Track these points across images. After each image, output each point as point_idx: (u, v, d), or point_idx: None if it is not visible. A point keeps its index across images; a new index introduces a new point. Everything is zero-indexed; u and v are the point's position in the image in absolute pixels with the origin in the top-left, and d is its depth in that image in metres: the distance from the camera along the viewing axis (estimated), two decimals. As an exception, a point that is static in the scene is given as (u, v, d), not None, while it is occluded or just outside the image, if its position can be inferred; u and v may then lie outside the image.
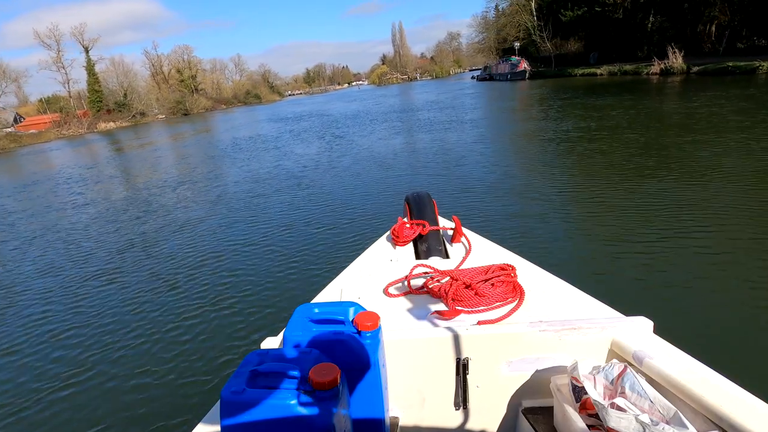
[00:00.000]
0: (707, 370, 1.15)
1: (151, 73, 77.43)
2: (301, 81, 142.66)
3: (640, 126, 10.74)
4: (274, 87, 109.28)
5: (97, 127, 53.66)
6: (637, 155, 7.94)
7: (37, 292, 5.45)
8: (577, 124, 12.31)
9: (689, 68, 24.44)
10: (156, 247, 6.51)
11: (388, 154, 11.38)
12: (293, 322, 1.21)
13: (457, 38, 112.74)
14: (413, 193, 2.54)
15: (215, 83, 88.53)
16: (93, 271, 5.91)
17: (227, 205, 8.50)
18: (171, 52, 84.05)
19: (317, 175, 10.00)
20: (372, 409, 1.19)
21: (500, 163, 9.08)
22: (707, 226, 4.63)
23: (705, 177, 6.20)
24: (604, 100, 16.97)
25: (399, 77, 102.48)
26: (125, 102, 61.07)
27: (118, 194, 11.42)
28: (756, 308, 3.17)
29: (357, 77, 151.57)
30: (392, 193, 7.60)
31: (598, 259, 4.26)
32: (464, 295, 1.57)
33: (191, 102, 71.09)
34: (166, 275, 5.36)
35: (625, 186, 6.31)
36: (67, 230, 8.25)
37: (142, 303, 4.69)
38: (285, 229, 6.49)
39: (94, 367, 3.62)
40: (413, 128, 16.30)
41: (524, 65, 42.38)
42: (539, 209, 5.88)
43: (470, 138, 12.37)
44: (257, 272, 5.03)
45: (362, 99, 45.01)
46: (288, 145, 16.07)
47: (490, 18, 67.34)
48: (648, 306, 3.17)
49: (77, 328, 4.34)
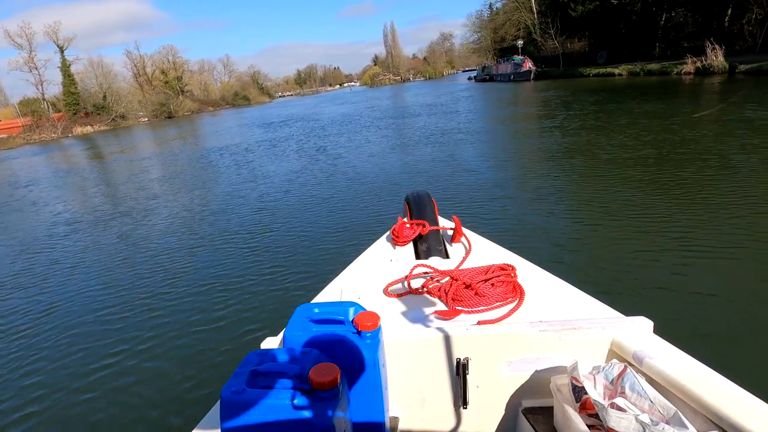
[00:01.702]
0: (707, 370, 1.15)
1: (133, 74, 74.34)
2: (292, 82, 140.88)
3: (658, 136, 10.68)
4: (264, 88, 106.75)
5: (72, 132, 50.30)
6: (639, 159, 7.94)
7: (36, 292, 5.46)
8: (604, 132, 10.62)
9: (733, 67, 20.92)
10: (156, 248, 6.51)
11: (381, 179, 9.00)
12: (293, 322, 1.21)
13: (450, 39, 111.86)
14: (413, 193, 2.54)
15: (203, 85, 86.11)
16: (93, 271, 5.92)
17: (226, 205, 8.50)
18: (155, 52, 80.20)
19: (317, 176, 10.00)
20: (372, 409, 1.19)
21: (500, 164, 9.09)
22: (707, 226, 4.63)
23: (705, 177, 6.20)
24: (643, 105, 14.33)
25: (392, 78, 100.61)
26: (104, 104, 57.92)
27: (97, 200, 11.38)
28: (756, 308, 3.16)
29: (349, 78, 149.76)
30: (392, 194, 7.61)
31: (598, 259, 4.25)
32: (464, 295, 1.58)
33: (176, 104, 68.21)
34: (165, 276, 5.36)
35: (625, 186, 6.31)
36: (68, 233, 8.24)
37: (141, 303, 4.68)
38: (284, 230, 6.49)
39: (93, 368, 3.61)
40: (413, 140, 13.39)
41: (529, 65, 39.95)
42: (539, 209, 5.88)
43: (480, 148, 11.37)
44: (257, 272, 5.03)
45: (353, 102, 42.28)
46: (259, 163, 13.08)
47: (485, 17, 65.60)
48: (648, 306, 3.17)
49: (77, 329, 4.34)
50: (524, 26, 49.25)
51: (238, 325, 3.92)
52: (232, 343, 3.64)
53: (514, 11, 50.55)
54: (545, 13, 42.55)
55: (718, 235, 4.38)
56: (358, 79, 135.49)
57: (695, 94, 17.10)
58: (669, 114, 12.05)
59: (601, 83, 25.81)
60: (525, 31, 49.15)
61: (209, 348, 3.63)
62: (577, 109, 16.14)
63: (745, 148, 7.44)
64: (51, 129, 49.74)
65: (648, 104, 14.60)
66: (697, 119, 10.76)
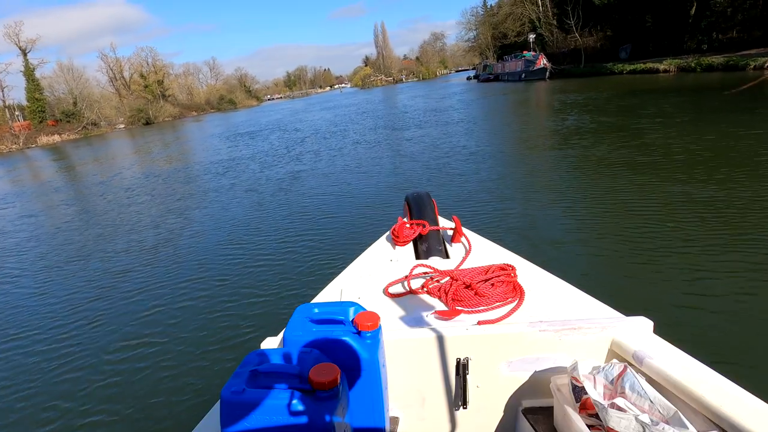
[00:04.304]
0: (707, 370, 1.15)
1: (109, 78, 69.24)
2: (281, 85, 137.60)
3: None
4: (252, 91, 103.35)
5: (37, 141, 46.00)
6: (636, 152, 7.93)
7: (33, 292, 5.45)
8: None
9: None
10: (156, 249, 6.51)
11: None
12: (293, 322, 1.21)
13: (442, 38, 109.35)
14: (413, 193, 2.53)
15: (187, 88, 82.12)
16: (93, 271, 5.92)
17: (225, 205, 8.50)
18: (133, 55, 75.48)
19: (316, 176, 10.00)
20: (372, 409, 1.19)
21: (501, 164, 9.08)
22: (707, 226, 4.62)
23: (704, 176, 6.20)
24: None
25: (383, 79, 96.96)
26: (74, 111, 53.51)
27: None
28: (756, 308, 3.16)
29: (339, 80, 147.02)
30: (392, 195, 7.59)
31: (598, 259, 4.25)
32: (464, 295, 1.58)
33: (155, 110, 64.18)
34: (165, 277, 5.36)
35: (625, 187, 6.30)
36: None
37: (141, 303, 4.69)
38: (284, 230, 6.48)
39: (93, 368, 3.62)
40: (422, 174, 8.81)
41: (543, 62, 35.35)
42: (539, 209, 5.88)
43: (480, 148, 10.28)
44: (257, 273, 5.03)
45: (344, 105, 38.59)
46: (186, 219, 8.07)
47: (481, 14, 61.98)
48: (648, 306, 3.17)
49: (77, 329, 4.34)
50: (529, 20, 45.41)
51: (238, 325, 3.92)
52: (232, 343, 3.65)
53: (517, 5, 46.71)
54: (562, 3, 38.13)
55: (718, 234, 4.38)
56: (349, 81, 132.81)
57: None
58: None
59: (643, 83, 21.08)
60: (530, 25, 45.21)
61: (209, 348, 3.63)
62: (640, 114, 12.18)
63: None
64: (11, 139, 45.15)
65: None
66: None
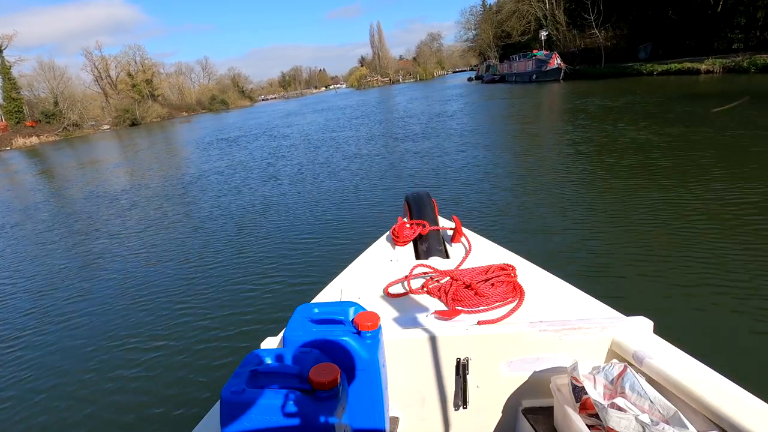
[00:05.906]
0: (707, 370, 1.15)
1: (94, 77, 66.44)
2: (276, 85, 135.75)
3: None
4: (246, 92, 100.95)
5: (12, 144, 43.81)
6: (639, 156, 7.94)
7: (31, 289, 5.46)
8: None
9: None
10: (156, 250, 6.51)
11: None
12: (293, 322, 1.21)
13: (438, 39, 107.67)
14: (413, 193, 2.53)
15: (178, 88, 79.80)
16: (94, 271, 5.91)
17: (225, 205, 8.50)
18: (120, 53, 72.77)
19: (316, 176, 10.00)
20: (372, 409, 1.19)
21: (501, 164, 9.08)
22: (707, 226, 4.62)
23: (704, 176, 6.20)
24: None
25: (380, 80, 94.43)
26: (55, 111, 51.18)
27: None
28: (756, 308, 3.16)
29: (335, 80, 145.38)
30: (392, 195, 7.59)
31: (598, 259, 4.25)
32: (464, 295, 1.58)
33: (143, 110, 61.88)
34: (165, 278, 5.36)
35: (625, 187, 6.30)
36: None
37: (141, 304, 4.69)
38: (284, 230, 6.48)
39: (93, 368, 3.62)
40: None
41: (557, 61, 33.20)
42: (539, 210, 5.88)
43: (480, 148, 10.50)
44: (257, 272, 5.03)
45: (339, 107, 36.23)
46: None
47: (481, 13, 60.15)
48: (648, 306, 3.17)
49: (77, 329, 4.34)
50: (534, 18, 43.08)
51: (238, 325, 3.92)
52: (232, 343, 3.64)
53: (522, 1, 44.26)
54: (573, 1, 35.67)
55: (718, 235, 4.38)
56: (344, 81, 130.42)
57: None
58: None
59: (684, 85, 18.17)
60: (536, 23, 42.90)
61: (209, 348, 3.63)
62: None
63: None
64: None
65: None
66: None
